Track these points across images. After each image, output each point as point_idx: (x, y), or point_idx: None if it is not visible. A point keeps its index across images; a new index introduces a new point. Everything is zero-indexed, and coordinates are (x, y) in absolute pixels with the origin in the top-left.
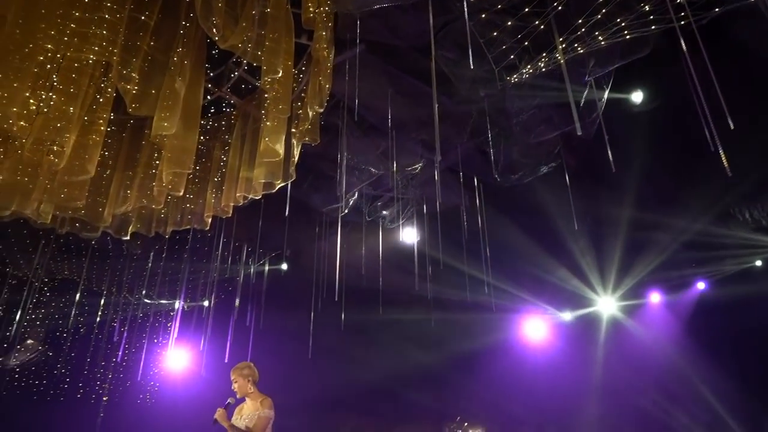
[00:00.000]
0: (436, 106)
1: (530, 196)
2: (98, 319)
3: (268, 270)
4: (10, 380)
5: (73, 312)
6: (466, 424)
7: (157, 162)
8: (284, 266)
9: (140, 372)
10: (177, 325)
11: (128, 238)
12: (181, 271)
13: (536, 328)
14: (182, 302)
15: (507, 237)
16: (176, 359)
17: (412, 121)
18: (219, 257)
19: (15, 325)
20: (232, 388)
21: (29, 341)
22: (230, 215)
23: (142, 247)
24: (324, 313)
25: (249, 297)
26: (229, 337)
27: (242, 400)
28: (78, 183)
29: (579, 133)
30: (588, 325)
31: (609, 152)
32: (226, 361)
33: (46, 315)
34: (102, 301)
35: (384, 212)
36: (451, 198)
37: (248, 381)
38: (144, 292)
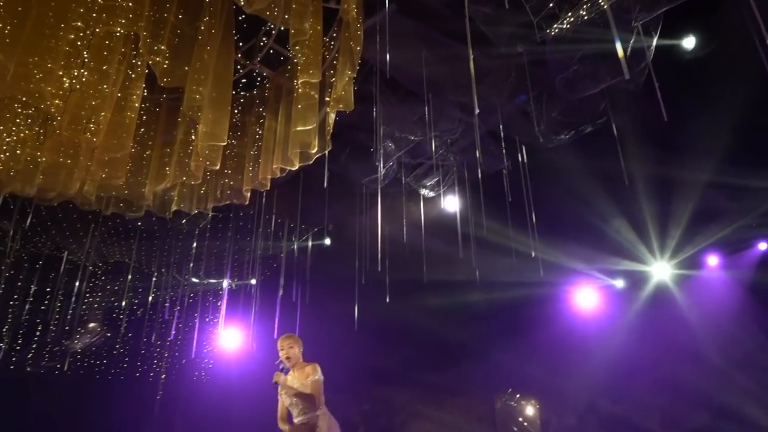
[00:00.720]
0: (473, 66)
1: (577, 157)
2: (150, 299)
3: (312, 245)
4: (72, 360)
5: (126, 293)
6: (518, 395)
7: (194, 138)
8: (327, 241)
9: (194, 350)
10: (226, 303)
11: (171, 216)
12: (226, 250)
13: (587, 297)
14: (229, 281)
15: (554, 201)
16: (227, 337)
17: (449, 84)
18: (262, 235)
19: (74, 309)
20: (282, 356)
21: (91, 324)
22: (269, 188)
23: (188, 226)
24: (369, 285)
25: (294, 273)
26: (277, 314)
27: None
28: (117, 161)
29: (626, 77)
30: (641, 292)
31: (661, 102)
32: (275, 337)
33: (102, 298)
34: (153, 282)
35: (424, 181)
36: (493, 162)
37: (299, 350)
38: (191, 271)
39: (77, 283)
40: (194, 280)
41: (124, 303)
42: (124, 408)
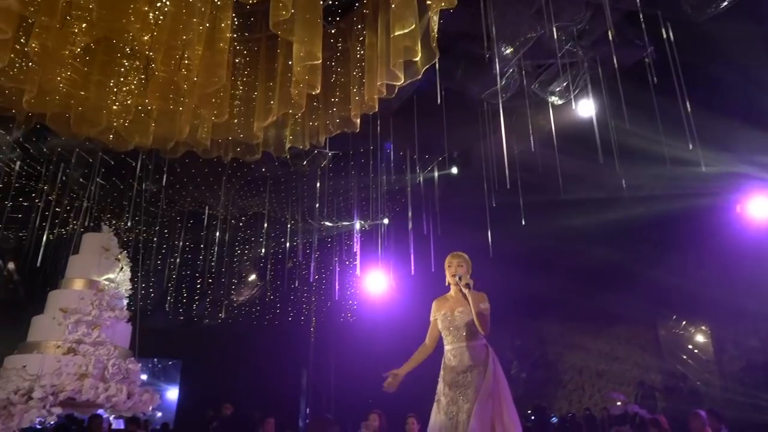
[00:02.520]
0: None
1: (740, 29)
2: (290, 246)
3: (439, 175)
4: (231, 310)
5: (269, 243)
6: (684, 322)
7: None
8: (454, 170)
9: (337, 293)
10: (360, 244)
11: (288, 155)
12: (352, 189)
13: (760, 204)
14: (361, 222)
15: (714, 90)
16: (368, 277)
17: None
18: (385, 169)
19: (227, 262)
20: (454, 273)
21: (251, 277)
22: (376, 110)
23: (309, 167)
24: (501, 210)
25: (423, 206)
26: (411, 249)
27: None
28: (219, 97)
29: None
30: None
31: None
32: (412, 273)
33: (250, 249)
34: (289, 230)
35: (551, 86)
36: (632, 51)
37: (468, 272)
38: (323, 214)
39: (223, 236)
40: (328, 223)
41: (266, 251)
42: (283, 351)
